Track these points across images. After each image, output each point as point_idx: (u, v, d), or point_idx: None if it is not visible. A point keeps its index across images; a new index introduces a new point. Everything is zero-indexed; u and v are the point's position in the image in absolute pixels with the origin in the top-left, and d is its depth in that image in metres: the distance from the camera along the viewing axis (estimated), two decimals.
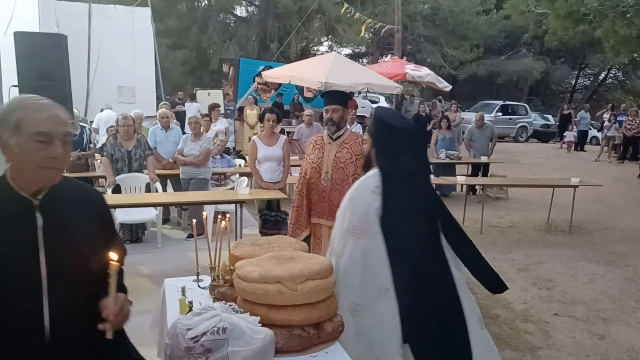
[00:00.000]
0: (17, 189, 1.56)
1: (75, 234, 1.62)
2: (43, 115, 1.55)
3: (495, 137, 10.73)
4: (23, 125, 1.51)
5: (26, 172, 1.55)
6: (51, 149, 1.54)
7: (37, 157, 1.52)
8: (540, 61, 28.93)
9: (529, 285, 5.53)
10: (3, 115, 1.53)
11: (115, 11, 14.61)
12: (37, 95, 1.60)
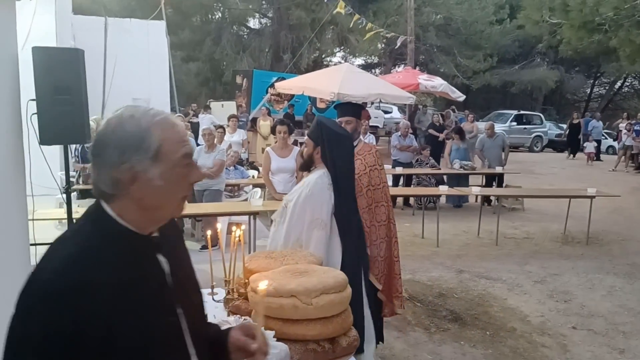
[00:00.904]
0: (133, 229, 1.17)
1: (190, 273, 1.35)
2: (181, 132, 1.20)
3: (508, 147, 10.65)
4: (166, 149, 1.15)
5: (166, 207, 1.20)
6: (195, 173, 1.23)
7: (183, 186, 1.20)
8: (554, 70, 28.74)
9: (546, 298, 5.45)
10: (135, 140, 1.13)
11: (131, 25, 14.82)
12: (149, 107, 1.23)
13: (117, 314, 1.07)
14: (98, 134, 1.16)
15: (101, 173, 1.14)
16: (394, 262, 3.75)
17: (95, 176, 1.16)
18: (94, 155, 1.15)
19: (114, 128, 1.14)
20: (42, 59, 3.84)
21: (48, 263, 1.11)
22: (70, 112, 3.88)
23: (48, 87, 3.83)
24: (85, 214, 1.20)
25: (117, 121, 1.15)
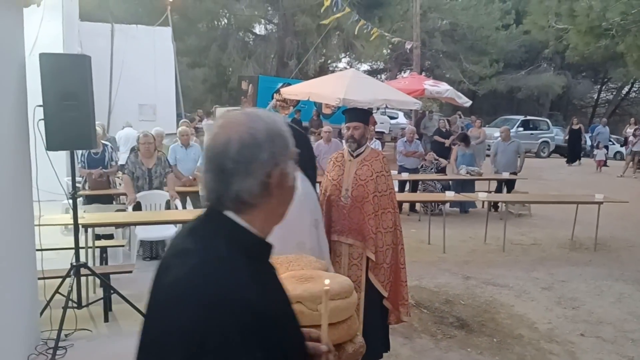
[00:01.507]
0: (262, 237, 1.16)
1: None
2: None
3: (524, 153, 10.59)
4: (293, 149, 1.17)
5: (285, 213, 1.20)
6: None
7: (294, 189, 1.20)
8: (561, 76, 28.67)
9: (554, 305, 5.40)
10: (283, 140, 1.13)
11: (137, 31, 14.92)
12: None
13: (283, 329, 1.06)
14: (243, 142, 1.08)
15: (247, 181, 1.09)
16: (400, 269, 3.72)
17: (236, 186, 1.09)
18: (244, 162, 1.08)
19: (270, 129, 1.11)
20: (50, 65, 3.86)
21: (210, 286, 1.00)
22: (77, 118, 3.89)
23: (55, 93, 3.85)
24: (207, 228, 1.13)
25: (264, 124, 1.11)
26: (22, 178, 3.75)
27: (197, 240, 1.10)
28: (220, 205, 1.12)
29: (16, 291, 3.57)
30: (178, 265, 1.06)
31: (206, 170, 1.12)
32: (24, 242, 3.79)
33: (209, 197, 1.14)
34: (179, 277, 1.03)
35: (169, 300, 1.02)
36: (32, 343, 3.88)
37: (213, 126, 1.15)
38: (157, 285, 1.11)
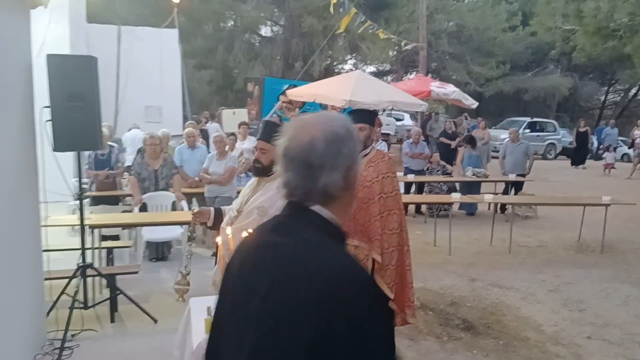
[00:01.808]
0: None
1: None
2: None
3: (532, 155, 10.55)
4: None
5: (353, 206, 1.30)
6: None
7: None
8: (568, 77, 28.53)
9: (560, 307, 5.37)
10: (356, 137, 1.25)
11: (144, 32, 14.98)
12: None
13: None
14: (333, 141, 1.18)
15: (333, 175, 1.17)
16: (405, 270, 3.71)
17: (324, 179, 1.17)
18: (330, 157, 1.17)
19: (346, 127, 1.21)
20: (57, 66, 3.88)
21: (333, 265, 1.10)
22: (83, 119, 3.91)
23: (62, 94, 3.87)
24: (297, 222, 1.20)
25: (342, 122, 1.22)
26: (29, 179, 3.78)
27: (291, 233, 1.18)
28: (308, 199, 1.20)
29: (23, 291, 3.59)
30: (286, 251, 1.13)
31: (288, 169, 1.20)
32: (30, 243, 3.81)
33: (293, 193, 1.21)
34: (296, 260, 1.11)
35: (291, 281, 1.08)
36: (38, 343, 3.90)
37: (287, 129, 1.23)
38: (252, 276, 1.15)
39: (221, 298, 1.27)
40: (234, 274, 1.22)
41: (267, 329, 1.06)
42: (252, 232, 1.29)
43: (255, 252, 1.19)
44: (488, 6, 25.81)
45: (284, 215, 1.24)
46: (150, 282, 5.60)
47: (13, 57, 3.53)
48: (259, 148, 3.22)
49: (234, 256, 1.28)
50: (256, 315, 1.09)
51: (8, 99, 3.39)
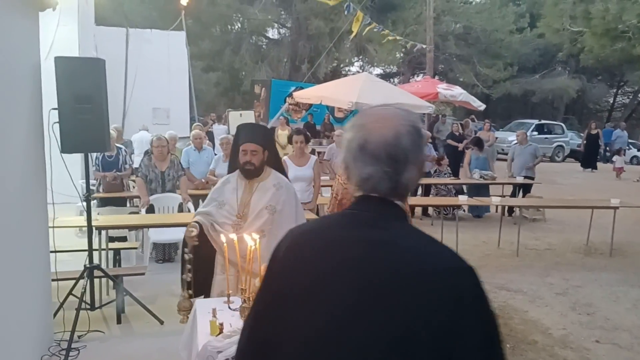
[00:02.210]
0: None
1: None
2: None
3: (541, 156, 10.49)
4: None
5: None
6: None
7: None
8: (576, 79, 28.42)
9: (568, 310, 5.33)
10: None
11: (152, 35, 15.07)
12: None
13: None
14: (414, 135, 1.18)
15: (413, 170, 1.19)
16: None
17: (407, 174, 1.18)
18: (414, 152, 1.18)
19: (420, 129, 1.23)
20: (64, 68, 3.90)
21: (438, 254, 1.13)
22: (91, 120, 3.93)
23: (70, 96, 3.88)
24: (389, 218, 1.20)
25: (415, 117, 1.23)
26: (37, 180, 3.80)
27: (387, 228, 1.17)
28: (392, 194, 1.19)
29: (30, 292, 3.61)
30: (397, 246, 1.13)
31: (369, 164, 1.17)
32: (38, 244, 3.83)
33: (376, 188, 1.18)
34: (411, 253, 1.12)
35: (414, 274, 1.08)
36: (45, 344, 3.91)
37: (359, 123, 1.20)
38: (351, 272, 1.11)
39: (277, 298, 1.19)
40: (307, 273, 1.16)
41: (400, 323, 1.04)
42: (315, 228, 1.25)
43: (350, 248, 1.14)
44: (495, 8, 25.78)
45: (367, 210, 1.20)
46: (156, 284, 5.61)
47: (22, 59, 3.55)
48: (249, 150, 3.21)
49: (292, 256, 1.21)
50: (375, 311, 1.06)
51: (17, 101, 3.41)
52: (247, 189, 3.24)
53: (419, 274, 1.08)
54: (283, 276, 1.20)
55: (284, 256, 1.22)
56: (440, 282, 1.06)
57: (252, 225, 3.10)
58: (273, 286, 1.22)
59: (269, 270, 1.24)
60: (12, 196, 3.26)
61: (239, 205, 3.19)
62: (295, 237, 1.25)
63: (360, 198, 1.22)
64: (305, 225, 1.30)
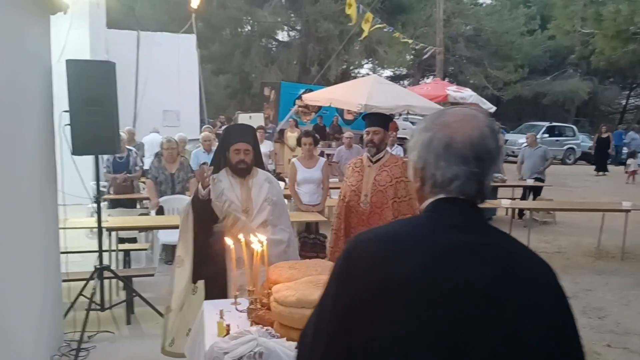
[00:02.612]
0: None
1: None
2: None
3: (551, 159, 10.43)
4: None
5: None
6: None
7: None
8: (587, 81, 28.21)
9: (579, 314, 5.25)
10: None
11: (162, 38, 15.16)
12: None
13: None
14: (496, 136, 1.15)
15: (492, 174, 1.18)
16: None
17: (490, 176, 1.17)
18: (496, 152, 1.15)
19: (498, 131, 1.19)
20: (75, 71, 3.94)
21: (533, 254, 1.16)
22: (101, 123, 3.96)
23: (80, 99, 3.92)
24: (479, 217, 1.17)
25: (495, 123, 1.20)
26: (48, 182, 3.84)
27: (487, 232, 1.15)
28: (477, 197, 1.16)
29: (41, 293, 3.64)
30: (509, 251, 1.13)
31: (455, 164, 1.13)
32: (49, 245, 3.87)
33: (463, 190, 1.14)
34: (521, 256, 1.13)
35: (527, 275, 1.09)
36: (55, 344, 3.95)
37: (436, 122, 1.16)
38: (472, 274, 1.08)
39: (368, 312, 1.08)
40: (405, 282, 1.07)
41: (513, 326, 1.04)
42: (396, 234, 1.15)
43: (449, 253, 1.08)
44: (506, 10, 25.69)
45: (456, 213, 1.14)
46: (165, 285, 5.62)
47: (33, 62, 3.59)
48: (243, 150, 3.33)
49: (379, 265, 1.10)
50: (486, 316, 1.04)
51: (29, 104, 3.45)
52: (244, 186, 3.37)
53: (527, 276, 1.09)
54: (372, 288, 1.09)
55: (366, 267, 1.10)
56: (547, 284, 1.10)
57: (258, 218, 3.30)
58: (358, 298, 1.10)
59: (343, 282, 1.13)
60: (24, 197, 3.29)
61: (241, 201, 3.32)
62: (372, 245, 1.14)
63: (442, 201, 1.16)
64: (375, 231, 1.20)
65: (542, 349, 1.04)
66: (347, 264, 1.14)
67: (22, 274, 3.25)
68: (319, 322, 1.16)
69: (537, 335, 1.04)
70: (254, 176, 3.41)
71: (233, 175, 3.37)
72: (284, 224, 3.50)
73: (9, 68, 3.05)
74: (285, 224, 3.51)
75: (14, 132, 3.15)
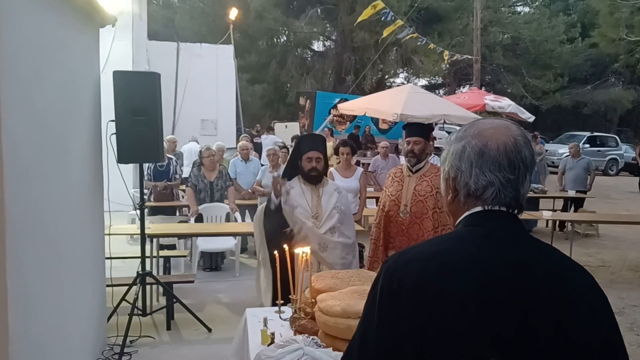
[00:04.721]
0: None
1: None
2: None
3: (594, 171, 10.15)
4: None
5: None
6: None
7: None
8: (630, 90, 27.36)
9: (625, 331, 5.10)
10: None
11: (201, 49, 15.48)
12: None
13: None
14: (530, 146, 1.16)
15: (529, 182, 1.17)
16: None
17: (526, 185, 1.16)
18: (530, 161, 1.15)
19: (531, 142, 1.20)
20: (122, 82, 4.06)
21: (585, 276, 1.15)
22: (146, 132, 4.06)
23: (126, 109, 4.03)
24: (520, 229, 1.16)
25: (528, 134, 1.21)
26: (96, 189, 3.95)
27: (533, 246, 1.14)
28: (514, 206, 1.14)
29: (87, 297, 3.74)
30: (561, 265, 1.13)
31: (490, 171, 1.12)
32: (95, 250, 3.98)
33: (498, 198, 1.13)
34: (568, 268, 1.13)
35: (577, 287, 1.10)
36: (99, 347, 4.04)
37: (471, 132, 1.16)
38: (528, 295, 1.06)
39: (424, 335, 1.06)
40: (461, 302, 1.05)
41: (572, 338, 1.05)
42: (440, 252, 1.12)
43: (501, 269, 1.07)
44: (545, 18, 25.21)
45: (498, 226, 1.13)
46: (204, 292, 5.71)
47: (83, 74, 3.72)
48: (315, 158, 3.49)
49: (427, 286, 1.07)
50: (544, 328, 1.03)
51: (78, 113, 3.56)
52: (315, 193, 3.56)
53: (578, 292, 1.08)
54: (422, 306, 1.06)
55: (413, 286, 1.08)
56: (598, 300, 1.10)
57: (327, 224, 3.49)
58: (406, 317, 1.07)
59: (387, 304, 1.11)
60: (74, 204, 3.40)
61: (312, 207, 3.50)
62: (415, 264, 1.11)
63: (481, 214, 1.13)
64: (414, 251, 1.17)
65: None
66: (391, 285, 1.11)
67: (71, 278, 3.35)
68: (363, 343, 1.14)
69: (590, 353, 1.03)
70: (324, 185, 3.60)
71: (305, 182, 3.56)
72: (350, 233, 3.65)
73: (61, 79, 3.16)
74: (350, 233, 3.65)
75: (65, 141, 3.26)
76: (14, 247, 2.32)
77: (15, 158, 2.35)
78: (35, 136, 2.69)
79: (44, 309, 2.82)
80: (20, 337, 2.40)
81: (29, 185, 2.58)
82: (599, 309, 1.09)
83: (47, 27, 2.92)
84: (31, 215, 2.60)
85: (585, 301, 1.07)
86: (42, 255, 2.78)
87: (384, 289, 1.12)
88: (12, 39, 2.35)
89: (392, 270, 1.13)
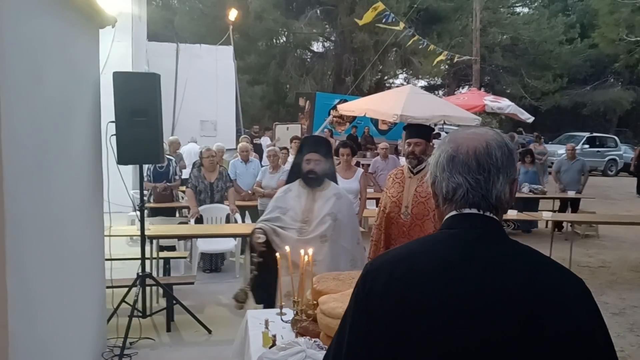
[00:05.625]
0: None
1: None
2: None
3: (587, 172, 10.17)
4: None
5: None
6: None
7: None
8: (630, 91, 27.37)
9: (626, 332, 5.10)
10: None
11: (201, 50, 15.49)
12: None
13: None
14: (505, 149, 1.16)
15: (505, 186, 1.16)
16: None
17: (498, 186, 1.15)
18: (504, 164, 1.16)
19: (512, 146, 1.21)
20: (122, 83, 4.04)
21: (561, 271, 1.14)
22: (146, 133, 4.05)
23: (126, 110, 4.02)
24: (495, 229, 1.17)
25: (509, 140, 1.22)
26: (95, 190, 3.94)
27: (504, 244, 1.16)
28: (486, 207, 1.15)
29: (87, 299, 3.73)
30: (533, 261, 1.14)
31: (459, 173, 1.15)
32: (95, 252, 3.96)
33: (467, 199, 1.15)
34: (554, 267, 1.13)
35: (558, 286, 1.09)
36: (99, 349, 4.03)
37: (449, 141, 1.19)
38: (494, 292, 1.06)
39: (399, 338, 1.07)
40: (437, 304, 1.06)
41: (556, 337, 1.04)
42: (416, 253, 1.14)
43: (473, 268, 1.08)
44: (544, 19, 25.22)
45: (472, 227, 1.14)
46: (204, 293, 5.70)
47: (83, 75, 3.70)
48: (313, 160, 3.37)
49: (404, 288, 1.08)
50: (527, 328, 1.03)
51: (78, 114, 3.55)
52: (310, 196, 3.44)
53: (553, 286, 1.08)
54: (389, 308, 1.08)
55: (382, 288, 1.10)
56: (578, 294, 1.10)
57: (316, 230, 3.31)
58: (376, 319, 1.09)
59: (360, 305, 1.13)
60: (74, 205, 3.39)
61: (303, 211, 3.38)
62: (387, 266, 1.14)
63: (456, 217, 1.16)
64: (392, 252, 1.19)
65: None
66: (365, 287, 1.14)
67: (71, 280, 3.33)
68: (339, 347, 1.16)
69: (570, 346, 1.02)
70: (323, 189, 3.45)
71: (304, 185, 3.45)
72: (347, 241, 3.44)
73: (61, 80, 3.15)
74: (347, 240, 3.45)
75: (65, 141, 3.24)
76: (14, 248, 2.31)
77: (15, 158, 2.34)
78: (35, 137, 2.68)
79: (44, 310, 2.80)
80: (20, 339, 2.38)
81: (29, 186, 2.57)
82: (576, 305, 1.07)
83: (47, 28, 2.91)
84: (31, 216, 2.59)
85: (559, 298, 1.06)
86: (42, 256, 2.77)
87: (360, 291, 1.15)
88: (12, 40, 2.34)
89: (366, 272, 1.17)
